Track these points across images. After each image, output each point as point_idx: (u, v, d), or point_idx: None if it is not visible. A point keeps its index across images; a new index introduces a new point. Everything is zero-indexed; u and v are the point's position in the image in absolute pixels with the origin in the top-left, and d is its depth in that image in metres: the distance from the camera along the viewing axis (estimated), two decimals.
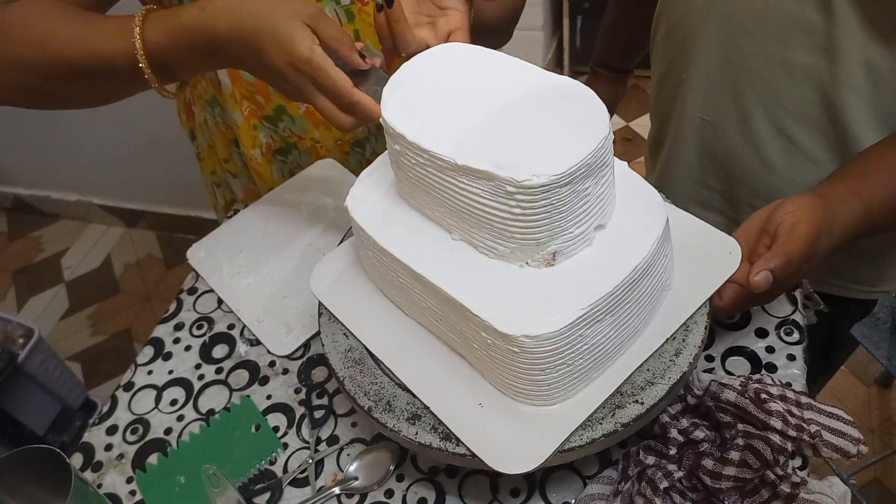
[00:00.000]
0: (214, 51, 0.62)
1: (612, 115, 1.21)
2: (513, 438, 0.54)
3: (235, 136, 0.94)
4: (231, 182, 1.03)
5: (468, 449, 0.54)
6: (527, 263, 0.54)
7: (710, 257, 0.61)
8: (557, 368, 0.52)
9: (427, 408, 0.57)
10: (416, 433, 0.56)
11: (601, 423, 0.54)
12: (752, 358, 0.69)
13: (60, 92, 0.69)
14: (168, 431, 0.73)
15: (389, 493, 0.65)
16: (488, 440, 0.54)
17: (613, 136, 0.53)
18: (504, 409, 0.55)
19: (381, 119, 0.57)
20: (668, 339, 0.58)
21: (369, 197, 0.63)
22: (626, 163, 0.61)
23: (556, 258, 0.53)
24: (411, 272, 0.57)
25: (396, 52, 0.66)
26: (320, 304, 0.66)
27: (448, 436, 0.55)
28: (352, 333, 0.64)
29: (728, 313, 0.71)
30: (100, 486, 0.70)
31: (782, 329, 0.70)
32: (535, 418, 0.54)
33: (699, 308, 0.59)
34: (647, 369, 0.57)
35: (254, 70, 0.63)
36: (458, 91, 0.57)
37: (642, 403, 0.55)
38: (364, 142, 0.95)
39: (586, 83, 0.58)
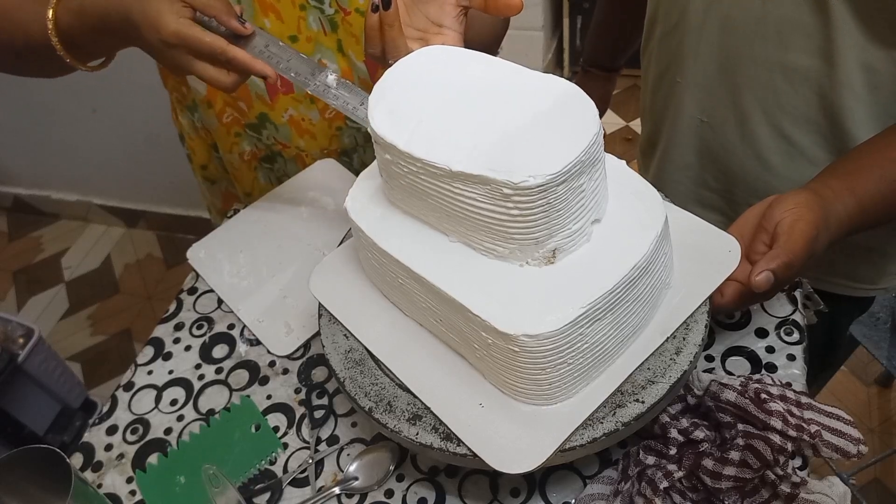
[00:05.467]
0: (112, 30, 0.64)
1: (604, 113, 1.21)
2: (514, 438, 0.54)
3: (214, 140, 0.94)
4: (209, 189, 1.03)
5: (469, 449, 0.54)
6: (526, 262, 0.54)
7: (709, 255, 0.61)
8: (558, 367, 0.52)
9: (428, 408, 0.57)
10: (417, 434, 0.56)
11: (602, 423, 0.54)
12: (752, 358, 0.69)
13: (9, 65, 0.75)
14: (168, 431, 0.73)
15: (389, 493, 0.65)
16: (489, 440, 0.54)
17: (613, 136, 0.53)
18: (505, 409, 0.55)
19: (369, 129, 0.57)
20: (668, 338, 0.57)
21: (368, 198, 0.63)
22: (624, 162, 0.61)
23: (556, 255, 0.54)
24: (411, 273, 0.57)
25: (382, 60, 0.65)
26: (320, 305, 0.66)
27: (449, 436, 0.55)
28: (352, 334, 0.64)
29: (729, 311, 0.71)
30: (100, 486, 0.70)
31: (782, 329, 0.70)
32: (536, 418, 0.54)
33: (699, 306, 0.59)
34: (648, 368, 0.57)
35: (143, 48, 0.65)
36: (444, 95, 0.57)
37: (643, 402, 0.55)
38: (352, 152, 0.95)
39: (578, 82, 0.58)
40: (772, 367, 0.68)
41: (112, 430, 0.73)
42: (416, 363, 0.60)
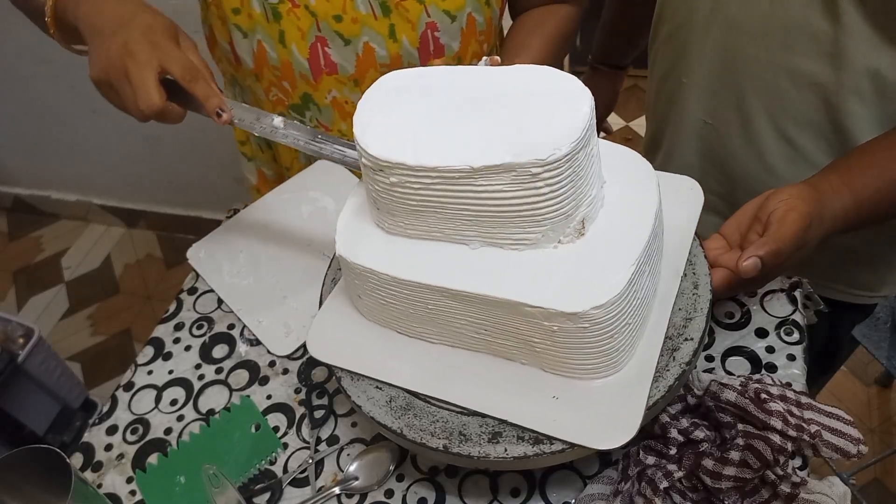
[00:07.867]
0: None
1: (611, 111, 1.21)
2: (600, 414, 0.54)
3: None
4: (245, 164, 1.03)
5: (564, 442, 0.53)
6: (559, 242, 0.54)
7: (679, 195, 0.65)
8: (622, 330, 0.53)
9: (504, 422, 0.56)
10: (505, 450, 0.54)
11: (668, 370, 0.56)
12: (752, 358, 0.69)
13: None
14: (168, 431, 0.73)
15: (389, 493, 0.65)
16: (579, 427, 0.54)
17: (613, 136, 0.54)
18: (578, 392, 0.55)
19: (360, 161, 0.56)
20: (682, 277, 0.61)
21: (362, 238, 0.60)
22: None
23: (585, 226, 0.54)
24: (447, 292, 0.55)
25: None
26: (334, 367, 0.62)
27: (538, 440, 0.54)
28: (385, 383, 0.60)
29: (718, 297, 0.71)
30: (100, 486, 0.70)
31: (782, 329, 0.70)
32: (611, 388, 0.55)
33: (693, 241, 0.63)
34: (679, 308, 0.59)
35: (107, 26, 0.64)
36: (426, 106, 0.56)
37: (692, 339, 0.57)
38: None
39: (585, 80, 0.59)
40: (772, 367, 0.68)
41: (112, 430, 0.73)
42: (468, 384, 0.58)
